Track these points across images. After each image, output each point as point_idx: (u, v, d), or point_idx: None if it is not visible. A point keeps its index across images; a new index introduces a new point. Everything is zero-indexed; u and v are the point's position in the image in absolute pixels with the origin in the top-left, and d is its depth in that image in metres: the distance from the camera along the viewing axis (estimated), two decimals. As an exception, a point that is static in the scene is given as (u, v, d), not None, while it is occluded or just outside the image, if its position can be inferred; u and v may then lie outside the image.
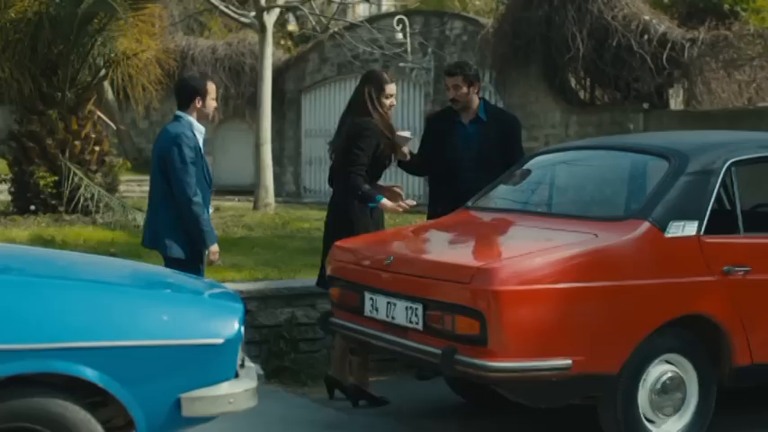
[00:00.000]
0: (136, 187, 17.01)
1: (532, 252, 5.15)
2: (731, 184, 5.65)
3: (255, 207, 14.55)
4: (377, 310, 5.63)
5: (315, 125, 21.56)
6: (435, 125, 7.14)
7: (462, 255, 5.34)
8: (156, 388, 3.76)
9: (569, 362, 4.99)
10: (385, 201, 6.47)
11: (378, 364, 7.38)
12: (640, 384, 5.26)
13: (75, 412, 3.68)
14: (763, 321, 5.57)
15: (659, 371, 5.32)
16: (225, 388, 3.87)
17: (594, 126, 14.96)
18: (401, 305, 5.43)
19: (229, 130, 22.14)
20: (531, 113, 16.19)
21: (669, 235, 5.34)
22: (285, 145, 21.92)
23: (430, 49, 18.91)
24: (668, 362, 5.36)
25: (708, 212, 5.45)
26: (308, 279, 7.42)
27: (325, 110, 21.37)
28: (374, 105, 6.43)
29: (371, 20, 18.98)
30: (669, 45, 14.21)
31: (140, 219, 11.25)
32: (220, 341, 3.87)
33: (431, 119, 7.74)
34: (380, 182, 6.76)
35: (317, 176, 21.16)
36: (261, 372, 4.25)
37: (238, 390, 3.91)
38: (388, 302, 5.53)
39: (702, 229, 5.41)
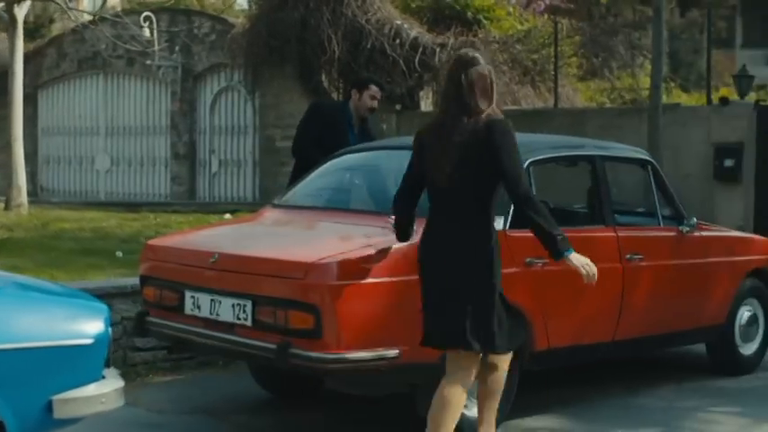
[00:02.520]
0: None
1: (362, 247, 5.34)
2: (530, 181, 6.05)
3: (7, 207, 13.95)
4: (199, 308, 5.66)
5: (53, 123, 20.85)
6: None
7: (292, 251, 5.45)
8: (26, 391, 3.68)
9: (397, 352, 5.24)
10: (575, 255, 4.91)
11: (172, 363, 7.41)
12: (455, 371, 5.58)
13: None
14: (559, 309, 6.04)
15: (471, 358, 5.66)
16: (96, 388, 3.85)
17: (348, 126, 15.35)
18: (227, 302, 5.49)
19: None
20: (286, 114, 16.44)
21: (480, 229, 5.67)
22: (20, 143, 21.06)
23: (177, 48, 18.77)
24: (478, 349, 5.71)
25: (512, 208, 5.82)
26: (125, 279, 7.48)
27: (64, 107, 20.73)
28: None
29: (117, 16, 18.56)
30: (420, 49, 14.84)
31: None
32: (90, 341, 3.84)
33: None
34: None
35: (55, 176, 20.49)
36: (118, 371, 4.21)
37: (109, 389, 3.90)
38: (212, 300, 5.58)
39: (508, 224, 5.79)
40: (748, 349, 7.58)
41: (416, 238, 5.15)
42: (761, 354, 7.70)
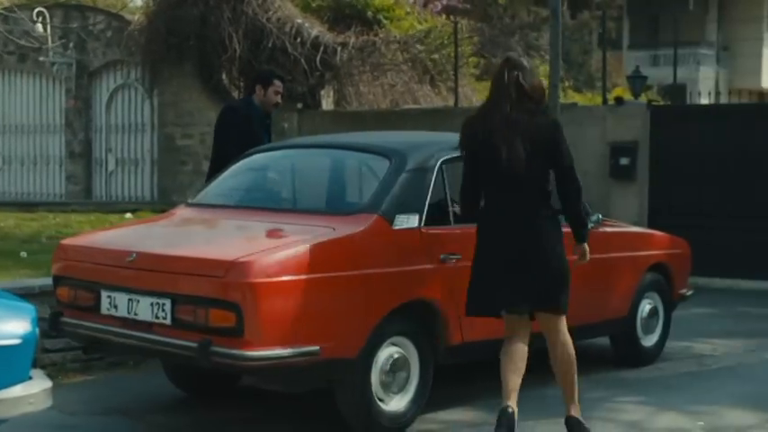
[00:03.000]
0: None
1: (282, 245, 5.40)
2: (443, 180, 6.19)
3: None
4: (116, 307, 5.62)
5: (-61, 121, 20.29)
6: None
7: (212, 249, 5.44)
8: (-46, 393, 3.64)
9: (318, 348, 5.29)
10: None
11: (82, 364, 7.32)
12: (373, 366, 5.64)
13: None
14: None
15: (387, 353, 5.71)
16: (24, 388, 3.82)
17: (250, 125, 15.32)
18: (145, 301, 5.47)
19: None
20: (185, 112, 16.33)
21: (396, 227, 5.78)
22: None
23: (72, 44, 18.44)
24: (394, 344, 5.79)
25: (426, 206, 5.95)
26: (32, 280, 7.39)
27: (-51, 106, 20.19)
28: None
29: (9, 10, 18.13)
30: (322, 48, 14.89)
31: None
32: (17, 342, 3.81)
33: None
34: None
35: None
36: (43, 371, 4.17)
37: (37, 389, 3.87)
38: (130, 299, 5.55)
39: (422, 222, 5.90)
40: (649, 341, 7.85)
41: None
42: (660, 345, 7.97)
